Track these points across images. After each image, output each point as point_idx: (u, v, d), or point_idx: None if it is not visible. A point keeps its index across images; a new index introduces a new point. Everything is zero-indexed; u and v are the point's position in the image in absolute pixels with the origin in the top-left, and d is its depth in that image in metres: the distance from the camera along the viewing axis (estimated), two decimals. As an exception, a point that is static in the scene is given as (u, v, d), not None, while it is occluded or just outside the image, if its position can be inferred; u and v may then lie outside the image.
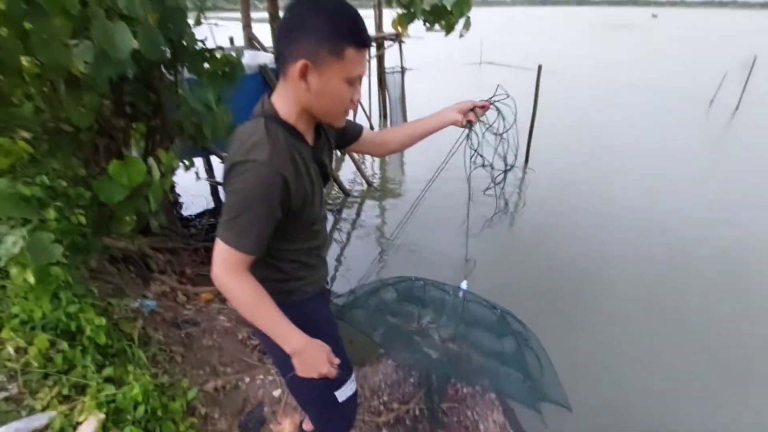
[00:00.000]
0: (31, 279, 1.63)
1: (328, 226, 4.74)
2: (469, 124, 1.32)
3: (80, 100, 2.13)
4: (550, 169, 6.09)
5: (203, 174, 5.29)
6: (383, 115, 8.08)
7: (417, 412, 2.01)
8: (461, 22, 3.00)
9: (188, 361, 2.15)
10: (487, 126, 1.38)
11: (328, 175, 1.14)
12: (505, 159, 1.45)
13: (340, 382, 1.26)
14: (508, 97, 1.34)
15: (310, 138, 1.03)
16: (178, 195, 4.72)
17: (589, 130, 8.28)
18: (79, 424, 1.42)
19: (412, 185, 6.01)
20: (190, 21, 2.42)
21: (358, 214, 5.16)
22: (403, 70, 6.95)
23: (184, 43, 2.51)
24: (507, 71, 12.10)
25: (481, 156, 1.44)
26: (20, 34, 1.72)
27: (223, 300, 2.92)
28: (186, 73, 2.97)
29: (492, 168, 1.50)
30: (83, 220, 1.92)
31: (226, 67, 2.82)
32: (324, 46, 0.85)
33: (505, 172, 1.49)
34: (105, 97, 2.39)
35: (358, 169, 5.67)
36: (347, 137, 1.27)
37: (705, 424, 2.36)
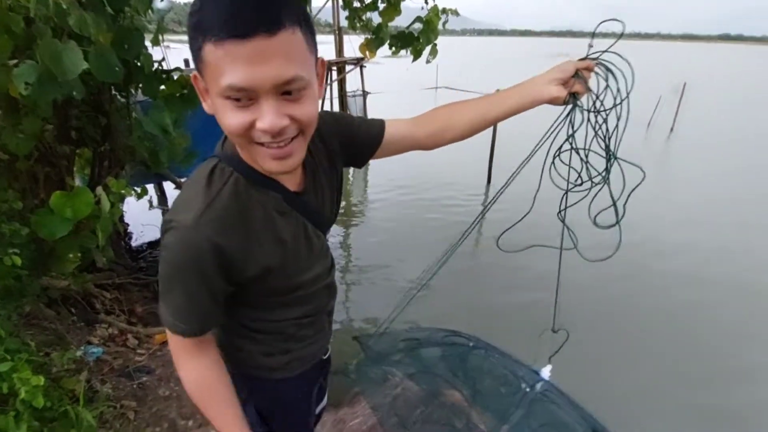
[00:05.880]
0: (-49, 336, 1.38)
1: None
2: (574, 99, 0.86)
3: (18, 124, 1.90)
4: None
5: (155, 201, 4.95)
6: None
7: (402, 456, 1.89)
8: (428, 48, 3.04)
9: (142, 418, 1.90)
10: (596, 98, 0.86)
11: (327, 221, 0.88)
12: (607, 148, 0.90)
13: None
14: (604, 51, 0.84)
15: (292, 180, 0.77)
16: (127, 224, 4.36)
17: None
18: None
19: (375, 204, 5.97)
20: (147, 42, 2.26)
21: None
22: (364, 94, 6.99)
23: (139, 64, 2.34)
24: (463, 96, 12.56)
25: (576, 151, 0.93)
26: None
27: (182, 340, 2.67)
28: (139, 96, 2.78)
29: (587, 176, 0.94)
30: (18, 261, 1.68)
31: (184, 89, 2.67)
32: (192, 48, 0.58)
33: (608, 168, 0.92)
34: (48, 121, 2.16)
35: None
36: (364, 145, 0.90)
37: None
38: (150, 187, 4.41)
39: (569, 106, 0.88)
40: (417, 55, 3.06)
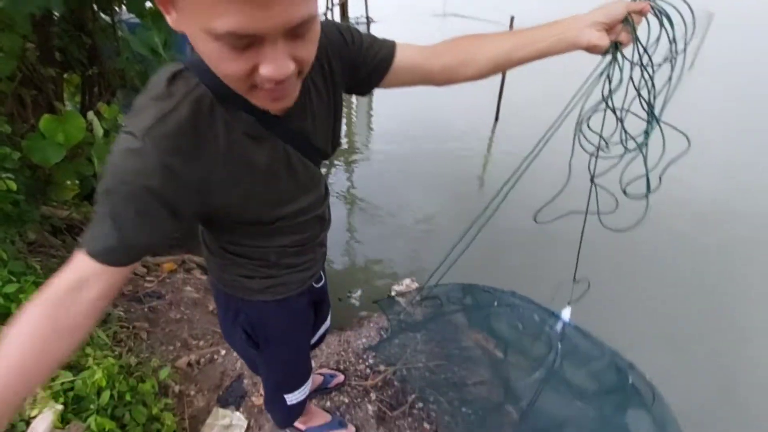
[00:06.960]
0: (-46, 257, 1.38)
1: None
2: (615, 49, 0.74)
3: (-5, 41, 1.77)
4: (519, 128, 6.06)
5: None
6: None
7: (404, 372, 1.98)
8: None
9: (155, 337, 1.97)
10: (644, 50, 0.75)
11: (320, 151, 0.77)
12: (651, 111, 0.80)
13: (291, 386, 1.15)
14: None
15: None
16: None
17: (555, 84, 8.28)
18: (32, 418, 1.25)
19: (381, 146, 5.79)
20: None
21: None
22: (368, 21, 6.54)
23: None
24: (473, 24, 11.74)
25: (614, 111, 0.82)
26: None
27: (188, 270, 2.72)
28: (124, 14, 2.58)
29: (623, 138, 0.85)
30: (13, 185, 1.64)
31: (173, 6, 2.46)
32: None
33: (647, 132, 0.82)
34: (28, 39, 2.01)
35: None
36: (371, 70, 0.77)
37: None
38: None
39: (608, 57, 0.75)
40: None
